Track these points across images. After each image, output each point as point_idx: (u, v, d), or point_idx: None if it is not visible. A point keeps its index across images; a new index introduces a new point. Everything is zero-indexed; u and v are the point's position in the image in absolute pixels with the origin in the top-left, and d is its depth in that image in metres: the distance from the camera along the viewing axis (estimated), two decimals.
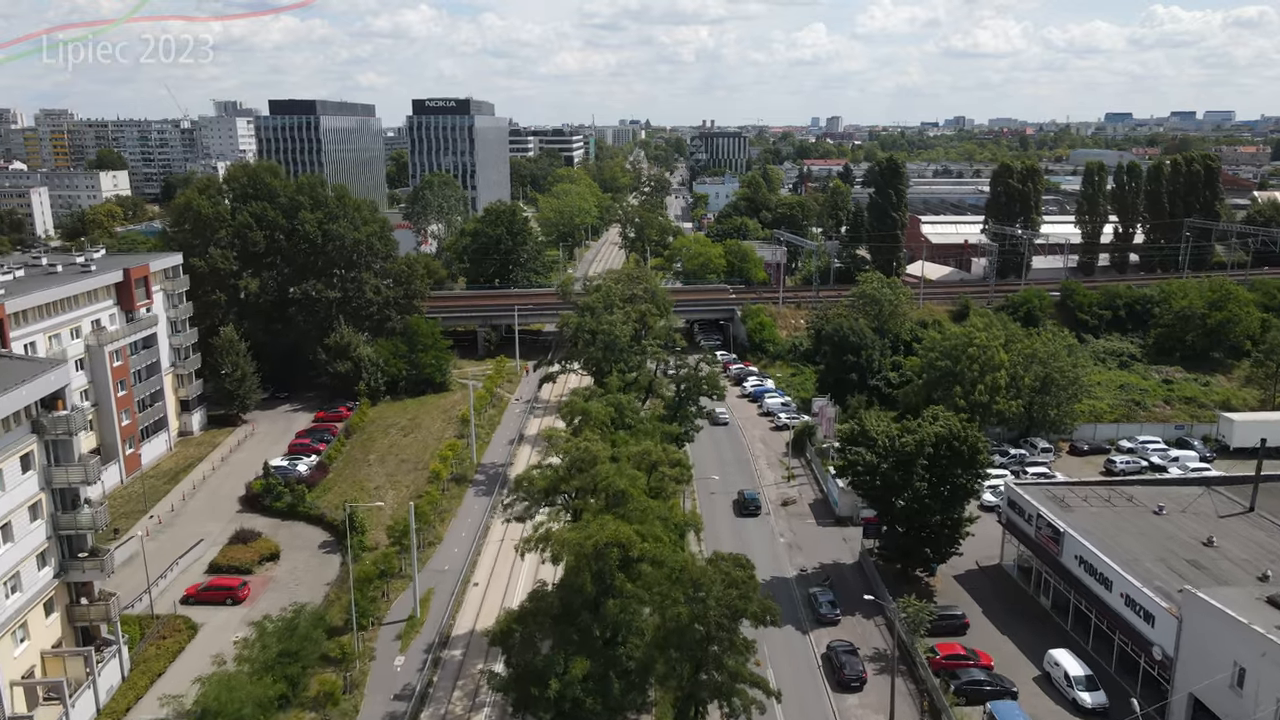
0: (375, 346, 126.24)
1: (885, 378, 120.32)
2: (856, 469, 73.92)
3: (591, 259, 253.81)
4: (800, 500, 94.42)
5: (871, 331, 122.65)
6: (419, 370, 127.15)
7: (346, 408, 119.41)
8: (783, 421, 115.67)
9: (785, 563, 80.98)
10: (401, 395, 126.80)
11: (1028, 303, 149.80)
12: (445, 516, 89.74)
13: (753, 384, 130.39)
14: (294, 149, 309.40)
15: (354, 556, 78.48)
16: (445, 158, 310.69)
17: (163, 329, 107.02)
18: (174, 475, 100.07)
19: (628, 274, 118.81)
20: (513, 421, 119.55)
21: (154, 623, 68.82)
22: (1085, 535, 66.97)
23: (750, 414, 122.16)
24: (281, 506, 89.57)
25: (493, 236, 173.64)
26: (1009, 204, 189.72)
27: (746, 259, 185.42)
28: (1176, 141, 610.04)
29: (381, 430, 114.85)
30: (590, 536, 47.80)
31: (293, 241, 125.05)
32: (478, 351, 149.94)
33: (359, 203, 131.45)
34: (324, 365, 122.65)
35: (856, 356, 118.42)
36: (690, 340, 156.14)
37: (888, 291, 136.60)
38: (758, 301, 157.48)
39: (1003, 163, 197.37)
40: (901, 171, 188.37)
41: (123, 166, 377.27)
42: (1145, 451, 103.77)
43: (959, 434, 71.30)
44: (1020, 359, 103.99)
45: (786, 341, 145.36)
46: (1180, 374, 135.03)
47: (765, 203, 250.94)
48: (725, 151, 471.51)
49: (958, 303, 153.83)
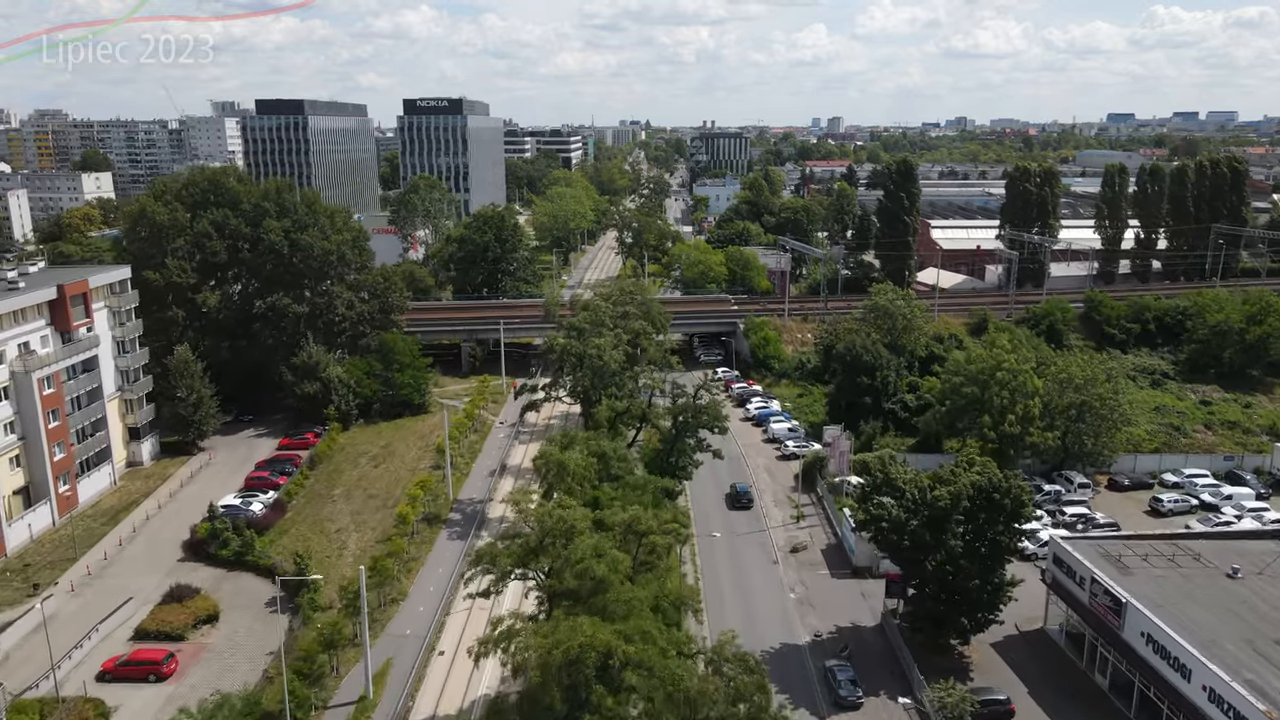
0: (347, 366, 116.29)
1: (901, 400, 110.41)
2: (880, 524, 63.86)
3: (587, 264, 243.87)
4: (811, 545, 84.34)
5: (886, 350, 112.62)
6: (395, 391, 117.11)
7: (314, 433, 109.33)
8: (790, 450, 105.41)
9: (796, 624, 70.91)
10: (375, 418, 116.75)
11: (1050, 315, 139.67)
12: (412, 566, 79.61)
13: (756, 406, 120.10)
14: (282, 150, 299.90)
15: (303, 619, 68.57)
16: (438, 159, 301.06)
17: (107, 350, 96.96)
18: (114, 515, 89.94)
19: (620, 288, 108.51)
20: (495, 448, 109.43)
21: (57, 709, 58.67)
22: (1153, 608, 56.93)
23: (754, 440, 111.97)
24: (227, 555, 79.47)
25: (480, 243, 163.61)
26: (1025, 209, 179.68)
27: (749, 267, 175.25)
28: (1184, 143, 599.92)
29: (351, 460, 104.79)
30: (560, 643, 37.81)
31: (257, 252, 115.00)
32: (461, 368, 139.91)
33: (330, 210, 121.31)
34: (290, 386, 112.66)
35: (870, 378, 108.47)
36: (689, 355, 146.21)
37: (902, 304, 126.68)
38: (762, 313, 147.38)
39: (1019, 165, 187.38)
40: (914, 174, 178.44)
41: (107, 168, 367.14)
42: (1194, 487, 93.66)
43: (1000, 485, 61.25)
44: (1054, 385, 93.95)
45: (793, 358, 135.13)
46: (1218, 394, 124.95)
47: (768, 206, 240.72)
48: (726, 152, 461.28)
49: (975, 315, 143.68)
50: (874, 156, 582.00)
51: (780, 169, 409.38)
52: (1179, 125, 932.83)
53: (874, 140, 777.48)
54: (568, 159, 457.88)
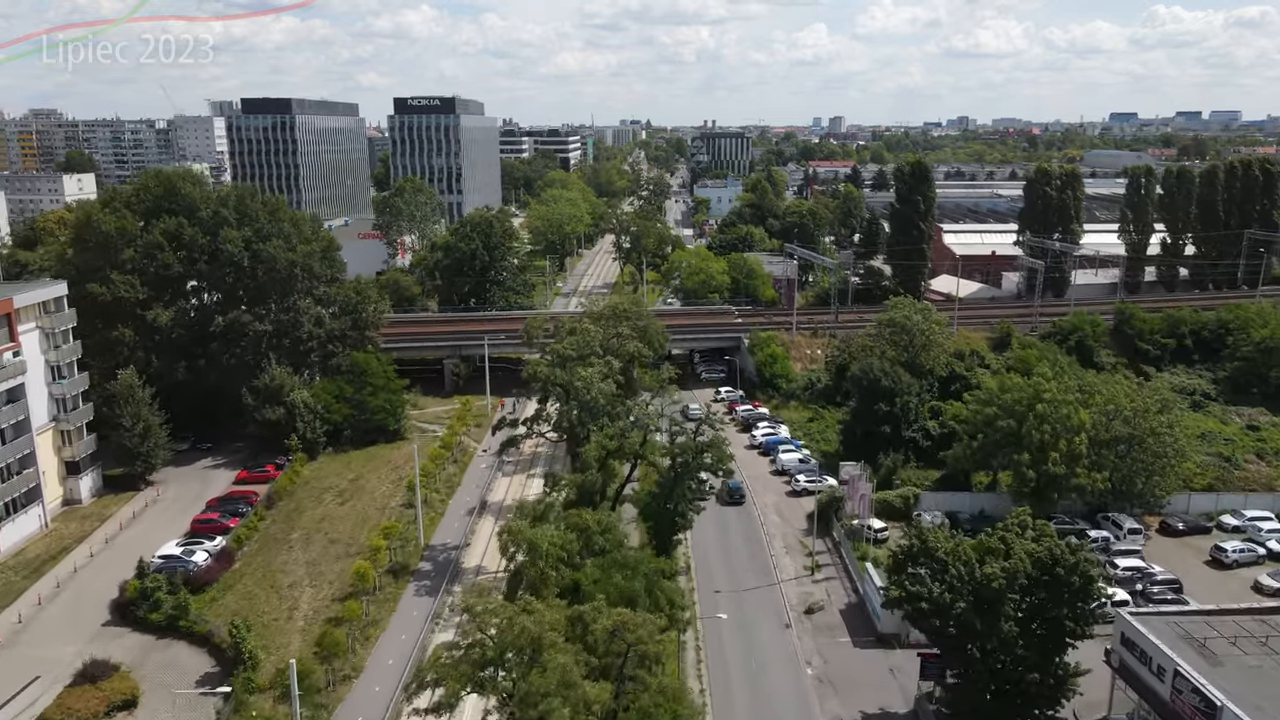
0: (315, 389, 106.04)
1: (924, 427, 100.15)
2: (919, 603, 53.45)
3: (584, 270, 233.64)
4: (829, 604, 73.95)
5: (906, 372, 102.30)
6: (367, 416, 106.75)
7: (275, 465, 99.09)
8: (802, 485, 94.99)
9: (814, 710, 60.55)
10: (346, 446, 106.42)
11: (1078, 330, 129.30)
12: (371, 633, 69.18)
13: (764, 432, 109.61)
14: (268, 150, 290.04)
15: (234, 707, 58.24)
16: (430, 160, 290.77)
17: (37, 376, 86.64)
18: (38, 566, 79.50)
19: (614, 308, 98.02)
20: (475, 482, 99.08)
21: None
22: (1254, 713, 46.60)
23: (761, 472, 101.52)
24: (158, 620, 68.99)
25: (467, 251, 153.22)
26: (1045, 213, 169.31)
27: (753, 275, 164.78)
28: (1193, 142, 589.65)
29: (314, 496, 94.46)
30: None
31: (215, 264, 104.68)
32: (444, 387, 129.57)
33: (297, 217, 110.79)
34: (251, 412, 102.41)
35: (890, 404, 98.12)
36: (690, 372, 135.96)
37: (920, 319, 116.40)
38: (768, 327, 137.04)
39: (1039, 167, 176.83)
40: (929, 175, 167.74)
41: (91, 169, 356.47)
42: (1258, 532, 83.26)
43: (1064, 558, 50.92)
44: (1100, 416, 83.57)
45: (802, 377, 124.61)
46: (1265, 417, 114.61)
47: (772, 209, 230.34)
48: (727, 152, 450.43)
49: (997, 329, 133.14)
50: (878, 156, 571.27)
51: (783, 169, 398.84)
52: (1182, 125, 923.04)
53: (876, 140, 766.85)
54: (566, 159, 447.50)
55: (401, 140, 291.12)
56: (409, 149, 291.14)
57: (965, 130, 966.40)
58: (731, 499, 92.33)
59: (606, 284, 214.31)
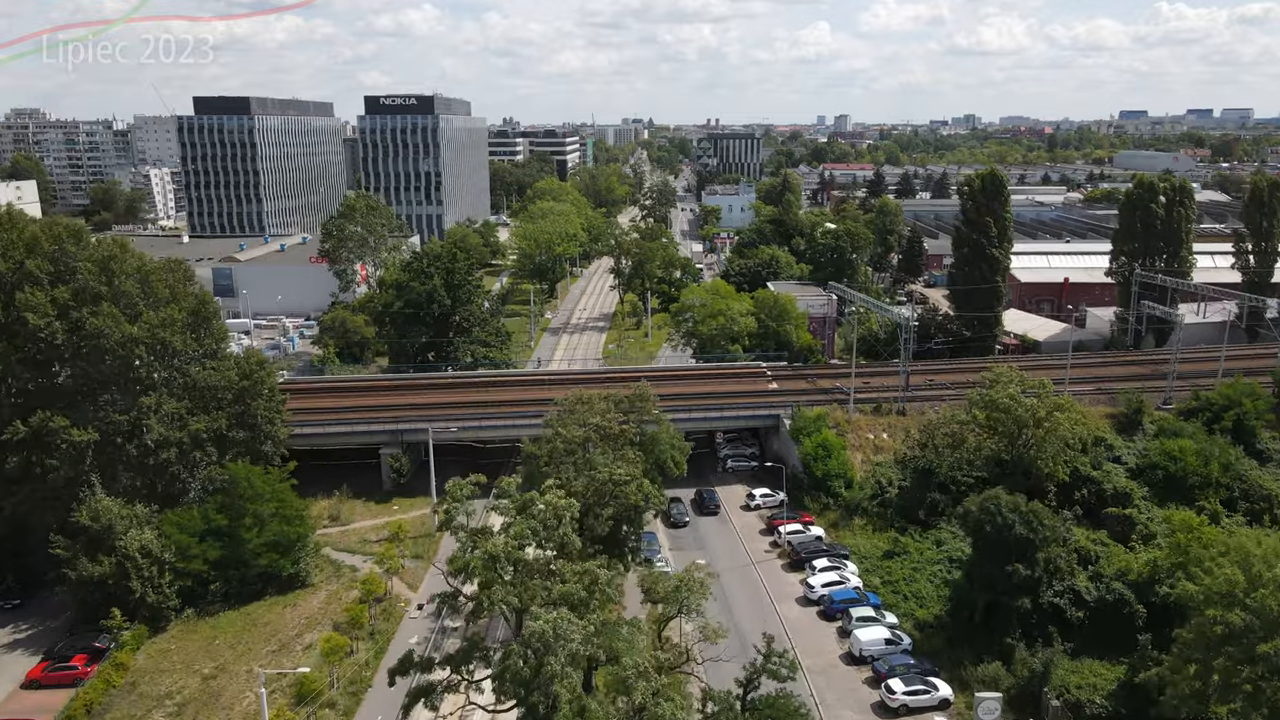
0: (166, 523, 72.17)
1: (1072, 591, 66.54)
2: None
3: (578, 297, 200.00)
4: None
5: (1048, 512, 68.34)
6: (247, 561, 72.95)
7: (88, 653, 65.40)
8: (900, 700, 60.49)
9: None
10: (216, 605, 72.65)
11: (1235, 405, 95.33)
12: None
13: (825, 582, 74.92)
14: (224, 155, 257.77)
15: None
16: (405, 165, 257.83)
17: None
18: None
19: (603, 419, 63.90)
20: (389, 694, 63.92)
21: None
22: None
23: (824, 653, 66.96)
24: None
25: (422, 293, 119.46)
26: (1148, 237, 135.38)
27: (784, 317, 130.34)
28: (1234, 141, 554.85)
29: (141, 713, 60.75)
30: None
31: (15, 342, 70.92)
32: (382, 483, 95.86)
33: (147, 269, 76.20)
34: (64, 566, 68.70)
35: (1026, 562, 64.33)
36: (710, 452, 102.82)
37: (1034, 401, 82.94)
38: (811, 395, 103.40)
39: (1141, 179, 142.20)
40: (1004, 191, 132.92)
41: (38, 175, 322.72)
42: None
43: None
44: None
45: (866, 480, 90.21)
46: None
47: (797, 226, 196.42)
48: (735, 154, 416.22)
49: (1121, 400, 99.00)
50: (892, 158, 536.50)
51: (794, 171, 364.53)
52: (1195, 123, 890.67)
53: (884, 139, 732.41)
54: (563, 162, 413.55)
55: (373, 144, 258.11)
56: (381, 153, 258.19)
57: (974, 129, 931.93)
58: (705, 509, 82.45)
59: (604, 315, 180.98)
